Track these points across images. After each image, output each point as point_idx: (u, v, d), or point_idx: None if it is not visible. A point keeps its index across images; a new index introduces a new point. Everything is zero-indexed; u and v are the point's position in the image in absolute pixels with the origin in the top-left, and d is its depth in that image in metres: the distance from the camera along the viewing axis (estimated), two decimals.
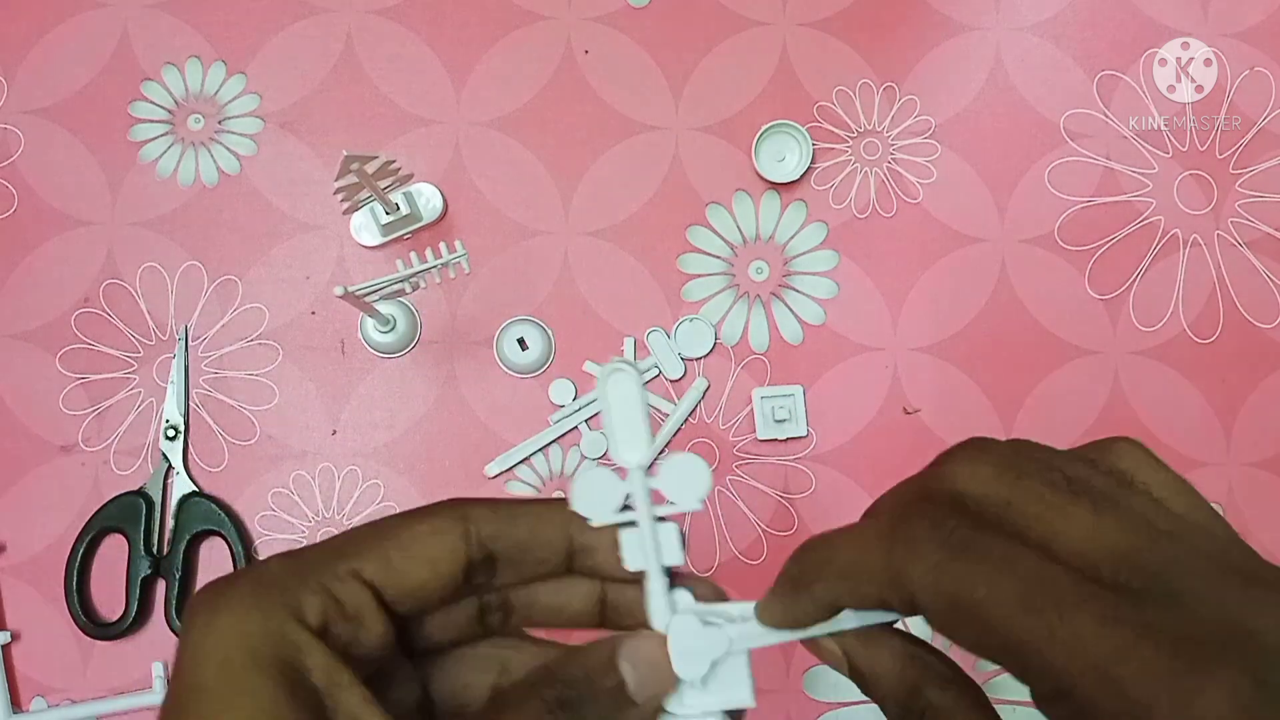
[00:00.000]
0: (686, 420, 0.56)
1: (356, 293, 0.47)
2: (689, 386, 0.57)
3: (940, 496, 0.22)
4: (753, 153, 0.58)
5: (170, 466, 0.55)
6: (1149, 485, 0.22)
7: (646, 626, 0.25)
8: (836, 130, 0.59)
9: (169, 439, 0.55)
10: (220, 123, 0.58)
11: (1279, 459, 0.57)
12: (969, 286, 0.58)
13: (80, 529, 0.54)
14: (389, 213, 0.56)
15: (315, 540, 0.55)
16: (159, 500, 0.55)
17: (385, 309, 0.55)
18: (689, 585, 0.26)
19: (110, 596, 0.54)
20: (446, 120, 0.59)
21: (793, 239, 0.58)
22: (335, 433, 0.56)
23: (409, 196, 0.56)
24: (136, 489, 0.54)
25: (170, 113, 0.58)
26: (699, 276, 0.58)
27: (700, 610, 0.25)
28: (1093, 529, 0.20)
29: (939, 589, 0.20)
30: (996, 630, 0.19)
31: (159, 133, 0.58)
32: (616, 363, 0.25)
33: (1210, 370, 0.58)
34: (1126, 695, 0.17)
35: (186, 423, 0.56)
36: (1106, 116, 0.60)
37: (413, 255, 0.48)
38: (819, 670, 0.52)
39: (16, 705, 0.53)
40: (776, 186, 0.58)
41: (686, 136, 0.59)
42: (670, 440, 0.56)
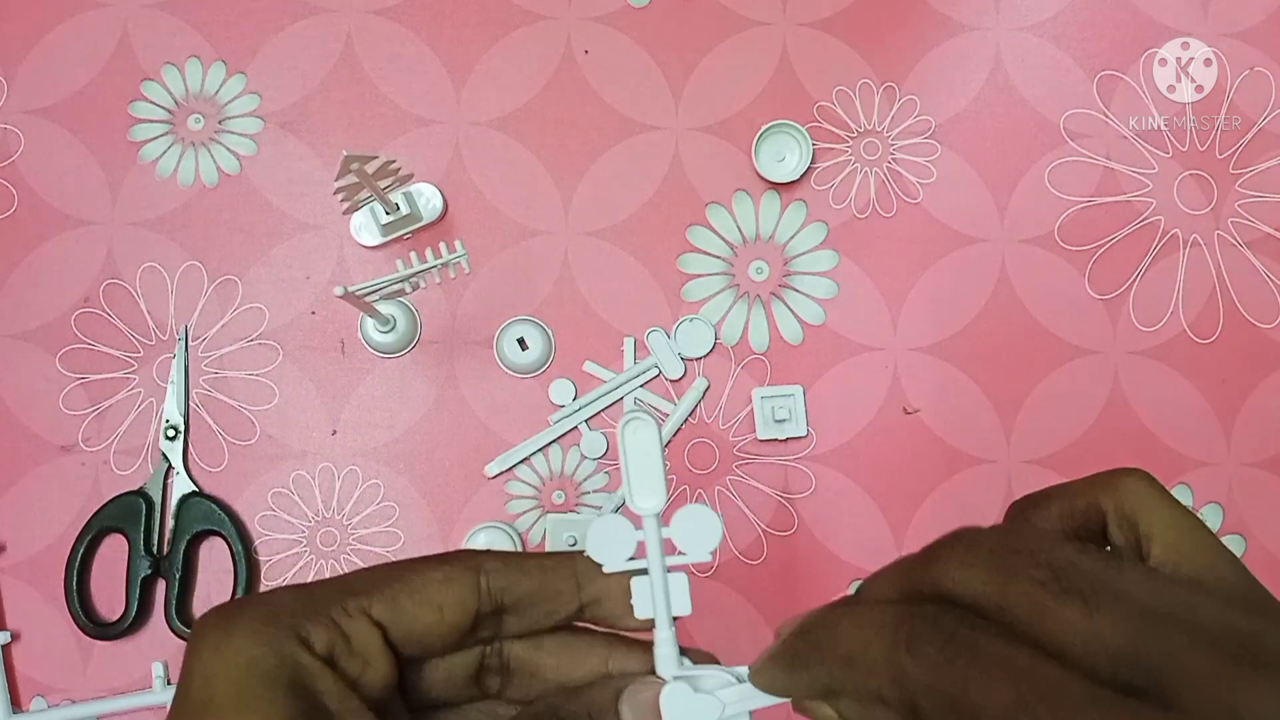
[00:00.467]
0: (686, 420, 0.56)
1: (356, 293, 0.47)
2: (689, 386, 0.57)
3: (935, 592, 0.22)
4: (753, 153, 0.58)
5: (170, 466, 0.55)
6: (1153, 536, 0.22)
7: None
8: (836, 130, 0.59)
9: (169, 439, 0.55)
10: (220, 123, 0.58)
11: (1279, 459, 0.57)
12: (969, 286, 0.58)
13: (80, 529, 0.54)
14: (389, 213, 0.56)
15: (315, 540, 0.56)
16: (159, 500, 0.55)
17: (385, 309, 0.55)
18: (684, 652, 0.26)
19: (110, 596, 0.54)
20: (446, 120, 0.59)
21: (793, 239, 0.58)
22: (335, 433, 0.56)
23: (409, 196, 0.56)
24: (136, 489, 0.54)
25: (170, 113, 0.58)
26: (699, 276, 0.58)
27: (697, 672, 0.25)
28: (1087, 630, 0.19)
29: (936, 689, 0.20)
30: None
31: (159, 133, 0.58)
32: (635, 412, 0.26)
33: (1210, 370, 0.58)
34: None
35: (186, 423, 0.56)
36: (1106, 116, 0.60)
37: (413, 255, 0.48)
38: None
39: (16, 705, 0.53)
40: (776, 186, 0.58)
41: (686, 136, 0.59)
42: (670, 440, 0.56)
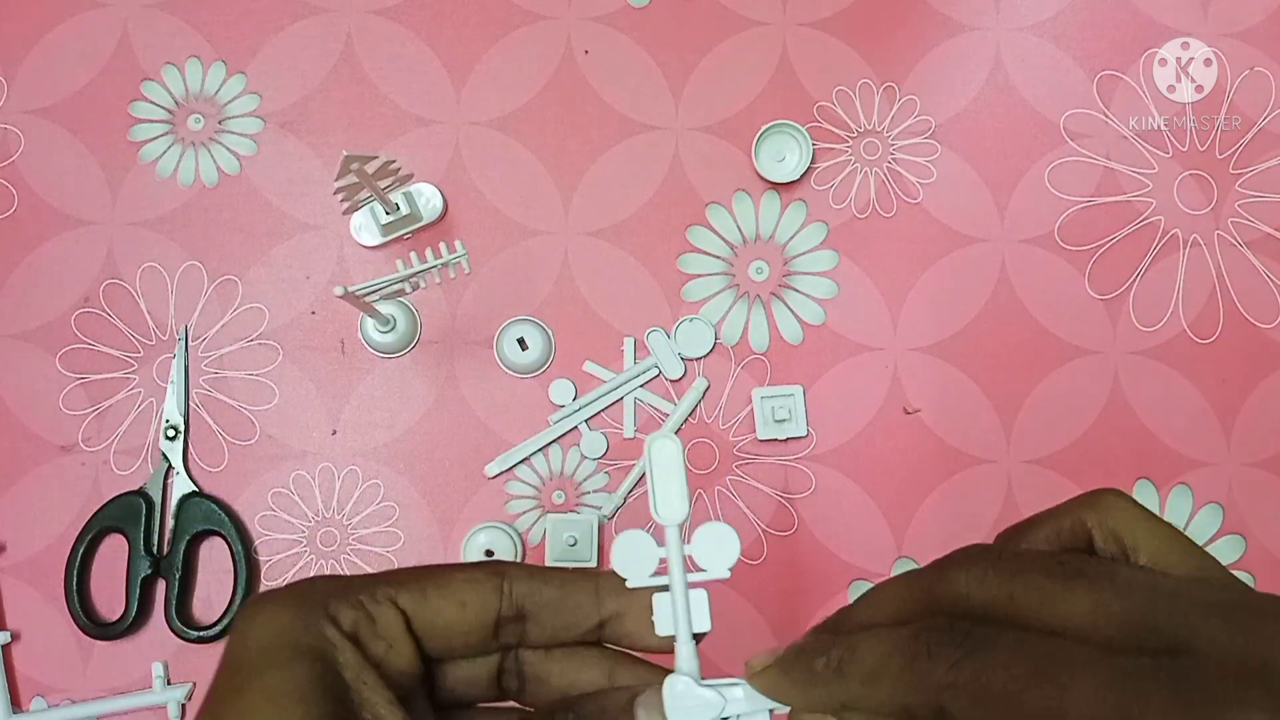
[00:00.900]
0: (686, 420, 0.56)
1: (356, 293, 0.47)
2: (689, 386, 0.57)
3: (947, 601, 0.23)
4: (753, 153, 0.58)
5: (170, 466, 0.55)
6: (1138, 547, 0.23)
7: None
8: (836, 130, 0.59)
9: (169, 439, 0.55)
10: (220, 123, 0.58)
11: (1279, 459, 0.57)
12: (969, 286, 0.58)
13: (80, 529, 0.54)
14: (389, 213, 0.56)
15: (315, 539, 0.56)
16: (159, 500, 0.55)
17: (385, 309, 0.55)
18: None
19: (110, 596, 0.54)
20: (446, 120, 0.59)
21: (793, 239, 0.58)
22: (335, 433, 0.56)
23: (409, 196, 0.56)
24: (136, 489, 0.54)
25: (170, 113, 0.58)
26: (699, 276, 0.58)
27: (716, 684, 0.26)
28: (1096, 604, 0.20)
29: (958, 685, 0.21)
30: (1017, 708, 0.20)
31: (159, 133, 0.58)
32: (663, 431, 0.28)
33: (1210, 370, 0.58)
34: None
35: (186, 423, 0.56)
36: (1106, 116, 0.60)
37: (413, 255, 0.48)
38: None
39: (16, 705, 0.53)
40: (776, 186, 0.58)
41: (686, 136, 0.59)
42: None
